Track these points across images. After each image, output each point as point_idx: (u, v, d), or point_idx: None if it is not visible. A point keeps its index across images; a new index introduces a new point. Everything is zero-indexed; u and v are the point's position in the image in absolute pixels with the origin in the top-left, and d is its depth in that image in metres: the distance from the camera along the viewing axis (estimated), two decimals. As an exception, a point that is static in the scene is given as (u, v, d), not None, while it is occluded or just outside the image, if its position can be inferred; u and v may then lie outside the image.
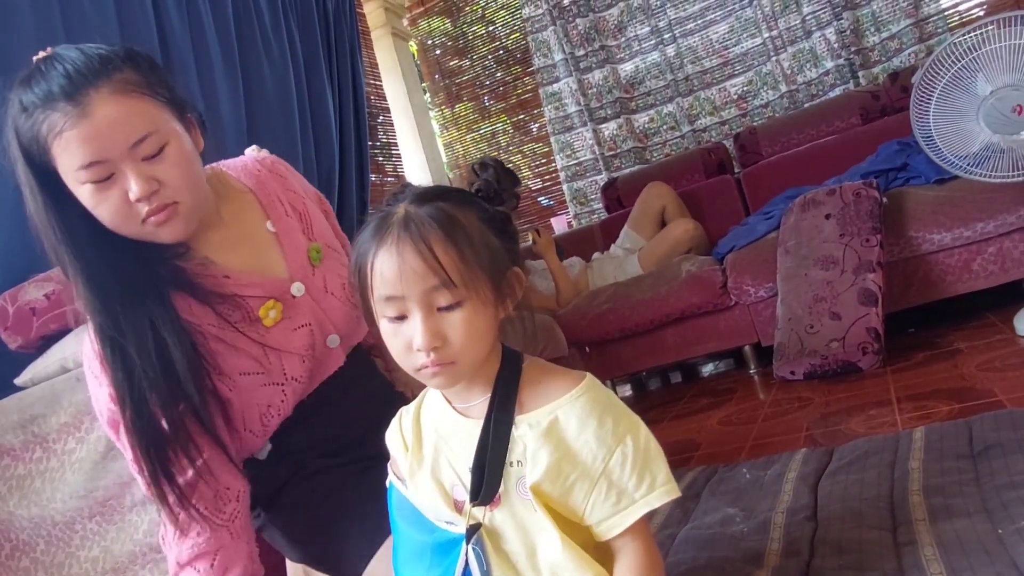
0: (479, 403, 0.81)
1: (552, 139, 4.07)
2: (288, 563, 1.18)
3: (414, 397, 0.91)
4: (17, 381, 1.54)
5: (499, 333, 0.81)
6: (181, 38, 2.60)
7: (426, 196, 0.77)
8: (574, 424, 0.77)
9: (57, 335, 1.52)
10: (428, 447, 0.85)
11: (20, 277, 1.73)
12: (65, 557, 1.40)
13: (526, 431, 0.78)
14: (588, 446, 0.76)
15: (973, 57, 1.78)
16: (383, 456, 0.91)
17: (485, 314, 0.76)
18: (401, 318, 0.74)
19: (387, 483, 0.91)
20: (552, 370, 0.83)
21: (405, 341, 0.74)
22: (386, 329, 0.76)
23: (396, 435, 0.89)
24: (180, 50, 2.59)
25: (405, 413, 0.90)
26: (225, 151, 2.75)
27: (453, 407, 0.83)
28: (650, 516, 0.79)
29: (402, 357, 0.76)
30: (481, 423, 0.79)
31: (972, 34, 1.77)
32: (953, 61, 1.80)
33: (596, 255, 3.37)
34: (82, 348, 1.37)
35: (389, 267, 0.72)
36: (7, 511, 1.44)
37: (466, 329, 0.74)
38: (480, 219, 0.77)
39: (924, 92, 1.87)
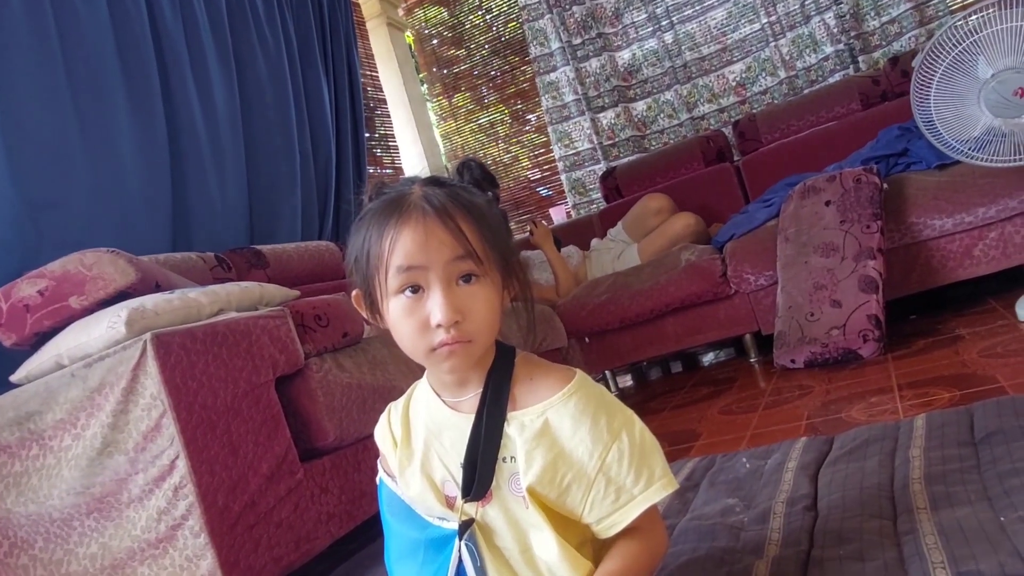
0: (470, 397, 0.80)
1: (550, 129, 4.05)
2: None
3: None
4: (12, 378, 1.53)
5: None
6: (174, 31, 2.58)
7: (438, 182, 0.77)
8: (567, 424, 0.75)
9: (52, 332, 1.51)
10: (417, 442, 0.84)
11: (14, 273, 1.73)
12: (64, 554, 1.40)
13: (518, 430, 0.77)
14: (583, 444, 0.75)
15: (974, 40, 1.76)
16: None
17: (498, 295, 0.76)
18: (416, 291, 0.72)
19: (377, 480, 0.90)
20: (543, 366, 0.81)
21: (421, 319, 0.72)
22: (399, 309, 0.73)
23: (385, 431, 0.88)
24: (173, 43, 2.57)
25: (393, 409, 0.89)
26: (220, 145, 2.77)
27: (443, 401, 0.82)
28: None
29: (415, 338, 0.73)
30: (472, 418, 0.78)
31: (973, 17, 1.75)
32: (954, 44, 1.78)
33: (594, 241, 3.35)
34: (77, 343, 1.37)
35: (413, 239, 0.71)
36: (5, 508, 1.43)
37: (485, 304, 0.73)
38: (488, 205, 0.78)
39: (924, 76, 1.85)
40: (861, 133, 2.84)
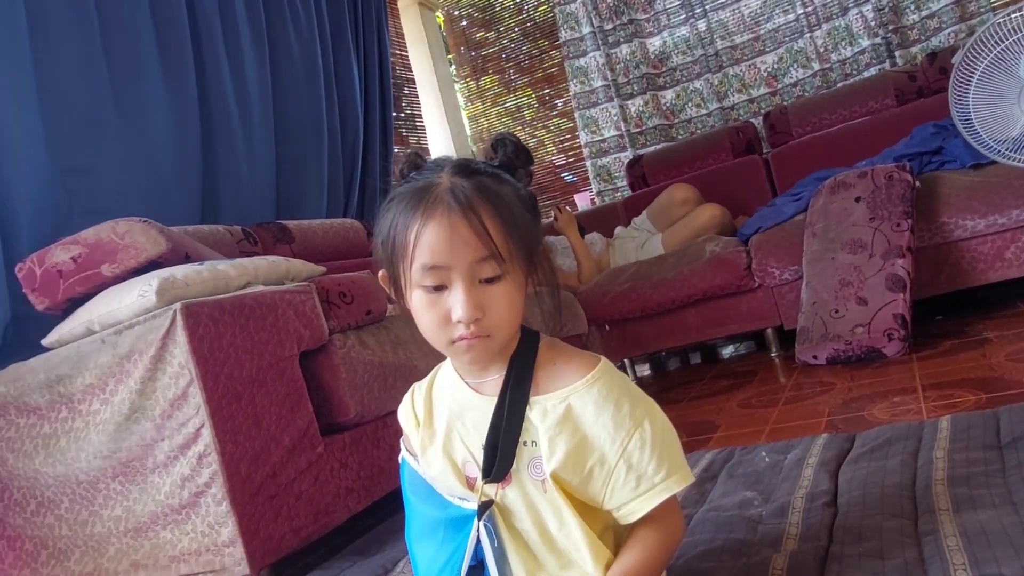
0: (493, 380, 0.80)
1: (576, 114, 4.02)
2: None
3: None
4: (44, 342, 1.56)
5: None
6: (209, 3, 2.59)
7: (467, 170, 0.75)
8: (591, 410, 0.76)
9: (83, 298, 1.53)
10: (440, 422, 0.85)
11: (46, 238, 1.75)
12: (88, 515, 1.43)
13: (540, 415, 0.77)
14: (606, 430, 0.75)
15: (1017, 38, 1.72)
16: None
17: (520, 290, 0.76)
18: (439, 289, 0.73)
19: (399, 459, 0.91)
20: (567, 352, 0.82)
21: (442, 313, 0.73)
22: (421, 300, 0.74)
23: (408, 410, 0.89)
24: (208, 15, 2.58)
25: (417, 388, 0.90)
26: (250, 119, 2.78)
27: (467, 383, 0.82)
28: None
29: (436, 329, 0.74)
30: (495, 400, 0.79)
31: (1016, 14, 1.71)
32: (996, 42, 1.75)
33: (619, 229, 3.33)
34: (108, 310, 1.39)
35: (438, 236, 0.71)
36: (33, 468, 1.47)
37: (506, 302, 0.74)
38: (515, 196, 0.77)
39: (964, 74, 1.81)
40: (895, 129, 2.79)
